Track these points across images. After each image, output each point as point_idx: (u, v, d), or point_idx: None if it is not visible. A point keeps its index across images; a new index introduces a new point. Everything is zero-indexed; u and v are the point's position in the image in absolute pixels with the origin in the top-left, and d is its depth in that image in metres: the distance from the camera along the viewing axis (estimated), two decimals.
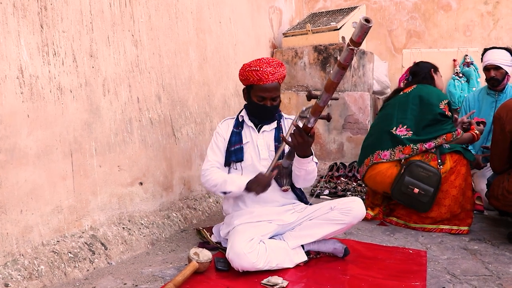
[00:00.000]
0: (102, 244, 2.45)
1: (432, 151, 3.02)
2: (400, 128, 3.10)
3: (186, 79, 3.35)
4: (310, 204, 2.57)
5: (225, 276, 2.19)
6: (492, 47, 3.77)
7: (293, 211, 2.50)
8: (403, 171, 2.98)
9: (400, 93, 3.30)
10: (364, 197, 3.59)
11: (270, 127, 2.57)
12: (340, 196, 3.85)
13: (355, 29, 1.76)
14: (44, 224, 2.21)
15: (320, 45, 4.84)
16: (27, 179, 2.12)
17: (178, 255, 2.56)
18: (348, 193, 3.93)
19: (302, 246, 2.39)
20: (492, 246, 2.70)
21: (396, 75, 5.80)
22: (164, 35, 3.10)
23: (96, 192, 2.52)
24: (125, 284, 2.14)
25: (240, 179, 2.41)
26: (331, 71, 4.82)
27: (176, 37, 3.23)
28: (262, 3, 4.89)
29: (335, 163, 4.59)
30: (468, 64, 4.98)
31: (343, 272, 2.26)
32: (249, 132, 2.57)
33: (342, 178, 4.32)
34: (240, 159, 2.51)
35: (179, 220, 3.08)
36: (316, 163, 2.43)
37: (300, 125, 2.20)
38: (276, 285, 2.06)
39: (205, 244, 2.63)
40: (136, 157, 2.81)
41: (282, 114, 2.65)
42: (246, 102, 2.61)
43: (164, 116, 3.09)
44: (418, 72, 3.33)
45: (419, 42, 6.04)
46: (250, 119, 2.58)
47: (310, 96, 2.11)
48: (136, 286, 2.12)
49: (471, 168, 3.35)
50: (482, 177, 3.49)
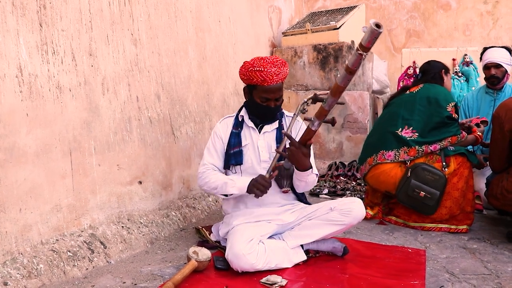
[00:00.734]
0: (101, 243, 2.45)
1: (436, 153, 3.02)
2: (406, 129, 3.09)
3: (185, 78, 3.35)
4: (309, 204, 2.57)
5: (224, 275, 2.19)
6: (491, 46, 3.77)
7: (292, 211, 2.49)
8: (409, 174, 2.96)
9: (407, 91, 3.27)
10: (363, 196, 3.59)
11: (271, 127, 2.52)
12: (339, 195, 3.85)
13: (365, 33, 1.72)
14: (43, 223, 2.21)
15: (320, 44, 4.84)
16: (26, 177, 2.12)
17: (177, 254, 2.56)
18: (347, 192, 3.93)
19: (301, 245, 2.39)
20: (491, 245, 2.70)
21: (396, 75, 5.80)
22: (164, 34, 3.10)
23: (95, 191, 2.52)
24: (124, 282, 2.14)
25: (240, 180, 2.38)
26: (330, 71, 4.80)
27: (175, 36, 3.23)
28: (262, 2, 4.89)
29: (335, 162, 4.59)
30: (468, 64, 4.98)
31: (342, 271, 2.26)
32: (249, 132, 2.52)
33: (341, 177, 4.32)
34: (239, 162, 2.46)
35: (178, 219, 3.08)
36: (316, 174, 2.41)
37: (302, 128, 2.18)
38: (275, 284, 2.06)
39: (204, 243, 2.63)
40: (136, 156, 2.81)
41: (284, 111, 2.60)
42: (247, 101, 2.54)
43: (164, 115, 3.09)
44: (429, 70, 3.30)
45: (418, 42, 6.04)
46: (251, 118, 2.53)
47: (315, 99, 2.10)
48: (135, 284, 2.12)
49: (477, 167, 3.36)
50: (481, 176, 3.49)
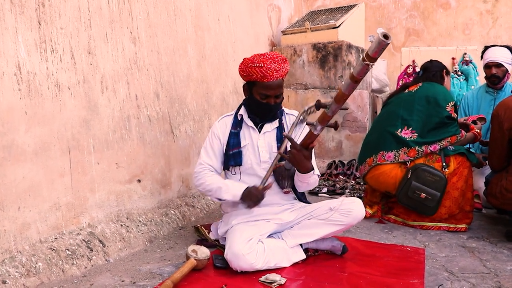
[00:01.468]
0: (100, 241, 2.45)
1: (436, 153, 3.02)
2: (405, 130, 3.08)
3: (184, 76, 3.35)
4: (309, 203, 2.56)
5: (223, 274, 2.19)
6: (492, 45, 3.77)
7: (291, 210, 2.48)
8: (409, 176, 2.96)
9: (406, 90, 3.26)
10: (363, 195, 3.59)
11: (271, 127, 2.48)
12: (339, 193, 3.85)
13: (372, 43, 1.71)
14: (42, 221, 2.21)
15: (319, 43, 4.84)
16: (25, 176, 2.11)
17: (176, 252, 2.56)
18: (346, 190, 3.93)
19: (300, 244, 2.38)
20: (490, 244, 2.70)
21: (395, 73, 5.80)
22: (163, 32, 3.10)
23: (94, 189, 2.51)
24: (123, 281, 2.14)
25: (235, 186, 2.36)
26: (330, 70, 4.80)
27: (174, 34, 3.23)
28: (261, 1, 4.89)
29: (334, 161, 4.59)
30: (467, 63, 4.98)
31: (341, 270, 2.26)
32: (248, 132, 2.48)
33: (340, 176, 4.32)
34: (238, 163, 2.43)
35: (177, 218, 3.08)
36: (318, 175, 2.40)
37: (303, 132, 2.18)
38: (274, 282, 2.06)
39: (203, 241, 2.63)
40: (134, 154, 2.81)
41: (284, 109, 2.56)
42: (247, 99, 2.50)
43: (163, 114, 3.08)
44: (430, 68, 3.28)
45: (418, 41, 6.04)
46: (250, 118, 2.49)
47: (319, 106, 2.10)
48: (134, 283, 2.12)
49: (477, 166, 3.36)
50: (481, 175, 3.49)
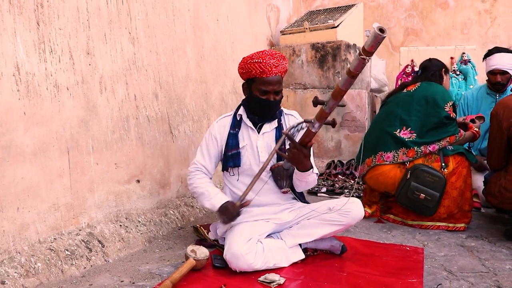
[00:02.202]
0: (99, 241, 2.45)
1: (435, 153, 3.02)
2: (404, 130, 3.08)
3: (183, 76, 3.35)
4: (308, 203, 2.56)
5: (222, 273, 2.19)
6: (496, 49, 3.69)
7: (290, 210, 2.48)
8: (408, 176, 2.96)
9: (404, 89, 3.25)
10: (362, 194, 3.59)
11: (270, 127, 2.47)
12: (338, 193, 3.86)
13: (368, 38, 1.71)
14: (41, 221, 2.21)
15: (318, 43, 4.84)
16: (23, 176, 2.11)
17: (175, 252, 2.56)
18: (345, 190, 3.94)
19: (299, 243, 2.38)
20: (489, 243, 2.71)
21: (394, 73, 5.81)
22: (161, 32, 3.10)
23: (93, 189, 2.51)
24: (122, 281, 2.14)
25: (216, 198, 2.38)
26: (329, 69, 4.80)
27: (173, 34, 3.23)
28: (260, 1, 4.89)
29: (333, 161, 4.59)
30: (466, 62, 4.99)
31: (340, 269, 2.26)
32: (247, 133, 2.48)
33: (339, 176, 4.32)
34: (237, 164, 2.43)
35: (177, 218, 3.08)
36: (317, 174, 2.40)
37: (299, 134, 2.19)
38: (273, 282, 2.06)
39: (202, 241, 2.63)
40: (133, 154, 2.81)
41: (283, 109, 2.55)
42: (246, 98, 2.50)
43: (161, 114, 3.08)
44: (429, 68, 3.26)
45: (416, 40, 6.05)
46: (249, 118, 2.48)
47: (316, 102, 2.10)
48: (133, 283, 2.12)
49: (478, 169, 3.37)
50: (479, 174, 3.50)
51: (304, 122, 2.24)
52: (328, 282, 2.10)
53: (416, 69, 5.09)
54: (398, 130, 3.09)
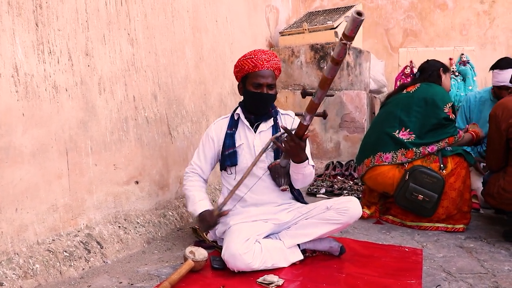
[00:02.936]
0: (98, 242, 2.45)
1: (434, 153, 3.01)
2: (403, 131, 3.08)
3: (182, 78, 3.35)
4: (306, 203, 2.57)
5: (220, 275, 2.19)
6: (505, 61, 3.55)
7: (289, 210, 2.49)
8: (407, 177, 2.96)
9: (404, 91, 3.25)
10: (361, 195, 3.59)
11: (266, 126, 2.52)
12: (337, 194, 3.86)
13: (347, 23, 1.75)
14: (40, 222, 2.21)
15: (317, 44, 4.84)
16: (22, 177, 2.11)
17: (174, 253, 2.56)
18: (344, 191, 3.94)
19: (298, 244, 2.39)
20: (488, 244, 2.71)
21: (393, 74, 5.81)
22: (160, 33, 3.10)
23: (91, 190, 2.51)
24: (120, 282, 2.14)
25: (198, 205, 2.45)
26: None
27: (172, 35, 3.23)
28: (259, 1, 4.89)
29: (332, 162, 4.59)
30: (464, 63, 4.99)
31: (339, 271, 2.26)
32: (244, 132, 2.52)
33: (338, 177, 4.32)
34: (234, 163, 2.47)
35: (175, 219, 3.07)
36: (313, 166, 2.42)
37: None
38: (271, 283, 2.06)
39: (201, 242, 2.62)
40: (132, 155, 2.81)
41: (279, 110, 2.60)
42: (242, 97, 2.56)
43: (160, 115, 3.08)
44: (427, 69, 3.27)
45: (415, 41, 6.05)
46: (246, 117, 2.52)
47: (304, 93, 2.11)
48: (131, 285, 2.12)
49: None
50: (478, 175, 3.50)
51: (296, 115, 2.27)
52: (327, 283, 2.10)
53: (415, 70, 5.10)
54: (397, 131, 3.09)
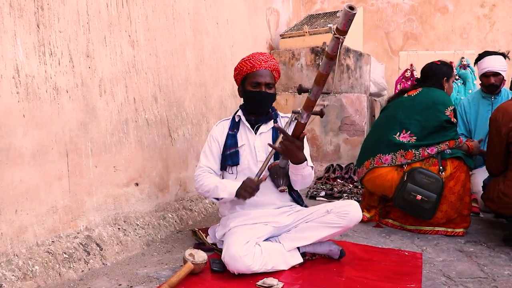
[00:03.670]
0: (97, 244, 2.44)
1: (433, 155, 3.01)
2: (403, 133, 3.08)
3: (182, 80, 3.35)
4: (306, 206, 2.57)
5: (220, 278, 2.19)
6: (486, 52, 3.77)
7: (289, 213, 2.49)
8: (405, 178, 2.96)
9: (405, 95, 3.25)
10: (360, 198, 3.59)
11: (267, 127, 2.54)
12: (337, 197, 3.86)
13: (339, 17, 1.75)
14: (39, 224, 2.21)
15: (317, 46, 4.85)
16: (22, 179, 2.11)
17: (173, 256, 2.56)
18: (344, 194, 3.93)
19: (298, 248, 2.39)
20: (488, 248, 2.71)
21: (393, 77, 5.83)
22: (161, 36, 3.10)
23: (91, 192, 2.51)
24: (120, 285, 2.13)
25: (231, 184, 2.39)
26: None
27: (173, 38, 3.23)
28: (260, 4, 4.90)
29: (332, 165, 4.59)
30: (465, 67, 5.00)
31: (339, 274, 2.26)
32: (245, 133, 2.55)
33: (338, 180, 4.32)
34: (236, 163, 2.49)
35: (175, 221, 3.07)
36: (312, 167, 2.42)
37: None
38: (271, 286, 2.05)
39: (200, 245, 2.62)
40: (132, 157, 2.81)
41: (279, 113, 2.63)
42: (242, 99, 2.59)
43: (161, 117, 3.08)
44: (431, 77, 3.21)
45: (416, 44, 6.07)
46: (247, 119, 2.55)
47: (301, 90, 2.11)
48: (131, 287, 2.11)
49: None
50: (478, 179, 3.50)
51: (292, 113, 2.29)
52: (327, 287, 2.10)
53: (416, 73, 5.11)
54: (398, 134, 3.09)
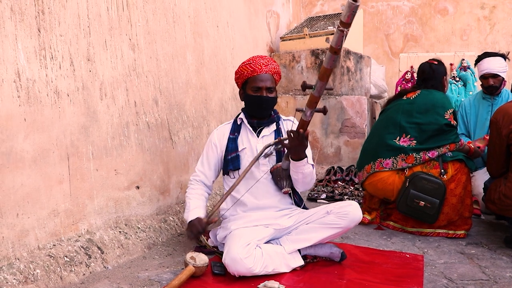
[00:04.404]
0: (99, 248, 2.45)
1: (434, 159, 3.01)
2: (403, 137, 3.08)
3: (183, 83, 3.35)
4: (306, 208, 2.57)
5: (221, 281, 2.19)
6: (486, 54, 3.78)
7: (290, 215, 2.49)
8: (407, 184, 2.96)
9: (404, 97, 3.23)
10: (361, 201, 3.59)
11: (269, 130, 2.55)
12: (337, 200, 3.86)
13: (343, 10, 1.76)
14: (40, 228, 2.21)
15: (317, 49, 4.85)
16: (23, 182, 2.11)
17: (174, 259, 2.56)
18: (345, 197, 3.93)
19: (299, 250, 2.39)
20: (489, 250, 2.70)
21: (393, 79, 5.83)
22: (162, 39, 3.11)
23: (92, 196, 2.51)
24: None
25: (191, 213, 2.46)
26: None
27: (173, 41, 3.24)
28: (260, 7, 4.91)
29: (333, 167, 4.59)
30: (465, 68, 5.00)
31: (340, 277, 2.26)
32: (246, 137, 2.55)
33: (339, 182, 4.32)
34: (237, 167, 2.50)
35: (176, 224, 3.07)
36: (312, 165, 2.43)
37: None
38: None
39: (201, 248, 2.62)
40: (133, 161, 2.81)
41: (281, 116, 2.64)
42: (244, 103, 2.60)
43: (161, 120, 3.09)
44: (432, 78, 3.19)
45: (416, 46, 6.07)
46: (249, 122, 2.56)
47: (304, 86, 2.12)
48: None
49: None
50: (479, 181, 3.50)
51: (296, 110, 2.31)
52: None
53: (416, 75, 5.11)
54: (398, 138, 3.09)
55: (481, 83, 3.83)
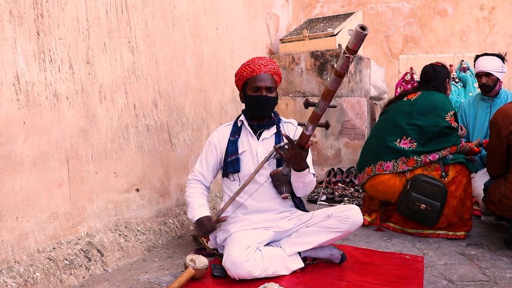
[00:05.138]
0: (98, 250, 2.45)
1: (435, 161, 3.00)
2: (404, 140, 3.07)
3: (182, 85, 3.36)
4: (307, 211, 2.57)
5: (221, 283, 2.19)
6: (484, 54, 3.79)
7: (290, 218, 2.49)
8: (408, 187, 2.95)
9: (405, 98, 3.22)
10: (361, 202, 3.59)
11: (269, 133, 2.53)
12: (337, 201, 3.85)
13: (350, 37, 1.76)
14: (40, 231, 2.21)
15: (317, 51, 4.86)
16: (23, 186, 2.11)
17: (174, 261, 2.56)
18: (345, 198, 3.93)
19: (299, 252, 2.38)
20: (489, 251, 2.70)
21: (393, 81, 5.83)
22: (161, 41, 3.11)
23: (92, 198, 2.51)
24: None
25: (197, 211, 2.45)
26: (328, 78, 4.84)
27: (172, 43, 3.24)
28: (259, 9, 4.91)
29: (332, 169, 4.59)
30: (465, 70, 5.00)
31: (340, 278, 2.26)
32: (247, 139, 2.54)
33: (339, 184, 4.32)
34: (236, 169, 2.49)
35: (176, 227, 3.07)
36: (314, 174, 2.42)
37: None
38: None
39: (201, 250, 2.62)
40: (133, 163, 2.81)
41: (281, 118, 2.63)
42: (244, 104, 2.59)
43: (161, 123, 3.09)
44: (434, 79, 3.17)
45: (415, 48, 6.07)
46: (249, 124, 2.54)
47: (307, 104, 2.12)
48: None
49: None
50: (480, 182, 3.49)
51: (298, 125, 2.29)
52: None
53: (416, 76, 5.12)
54: (398, 140, 3.08)
55: (478, 84, 3.84)
